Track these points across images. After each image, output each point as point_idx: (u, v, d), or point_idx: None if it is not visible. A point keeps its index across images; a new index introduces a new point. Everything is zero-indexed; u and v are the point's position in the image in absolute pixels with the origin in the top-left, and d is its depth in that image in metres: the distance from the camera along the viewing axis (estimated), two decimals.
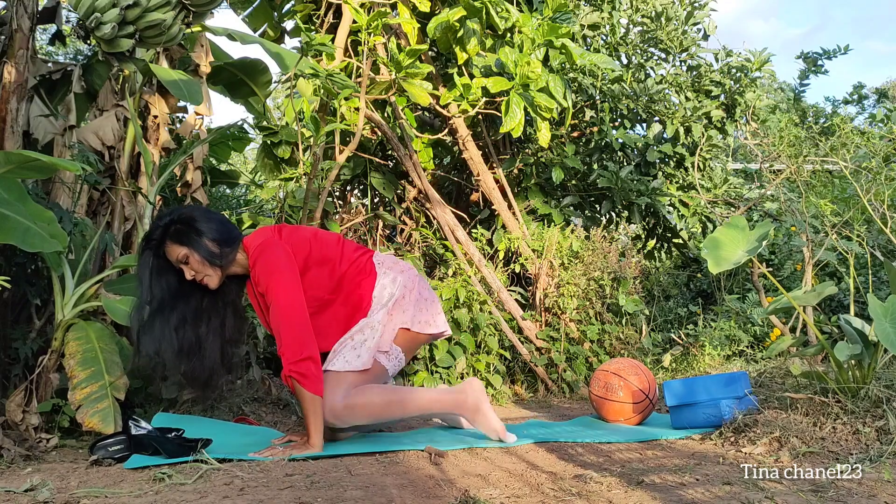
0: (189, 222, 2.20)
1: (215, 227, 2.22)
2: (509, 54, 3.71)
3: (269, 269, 2.17)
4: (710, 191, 5.02)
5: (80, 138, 3.31)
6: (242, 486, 1.67)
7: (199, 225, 2.20)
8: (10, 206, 2.21)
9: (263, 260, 2.19)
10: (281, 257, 2.19)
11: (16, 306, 2.93)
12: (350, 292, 2.33)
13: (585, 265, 4.02)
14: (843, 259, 3.86)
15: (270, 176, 4.40)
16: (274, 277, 2.16)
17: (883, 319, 2.03)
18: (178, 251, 2.18)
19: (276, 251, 2.20)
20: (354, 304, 2.33)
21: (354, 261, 2.36)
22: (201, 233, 2.19)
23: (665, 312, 5.10)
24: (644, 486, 1.69)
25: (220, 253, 2.20)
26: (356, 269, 2.35)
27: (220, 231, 2.23)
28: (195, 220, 2.21)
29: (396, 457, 2.06)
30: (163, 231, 2.20)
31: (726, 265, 2.39)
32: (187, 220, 2.21)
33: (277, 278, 2.17)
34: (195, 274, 2.20)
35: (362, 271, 2.35)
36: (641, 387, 2.75)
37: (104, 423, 2.18)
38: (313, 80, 3.93)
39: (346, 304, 2.33)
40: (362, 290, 2.33)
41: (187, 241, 2.18)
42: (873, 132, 4.65)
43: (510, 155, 4.82)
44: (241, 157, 9.80)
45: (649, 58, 5.21)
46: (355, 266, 2.35)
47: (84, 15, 2.62)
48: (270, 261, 2.18)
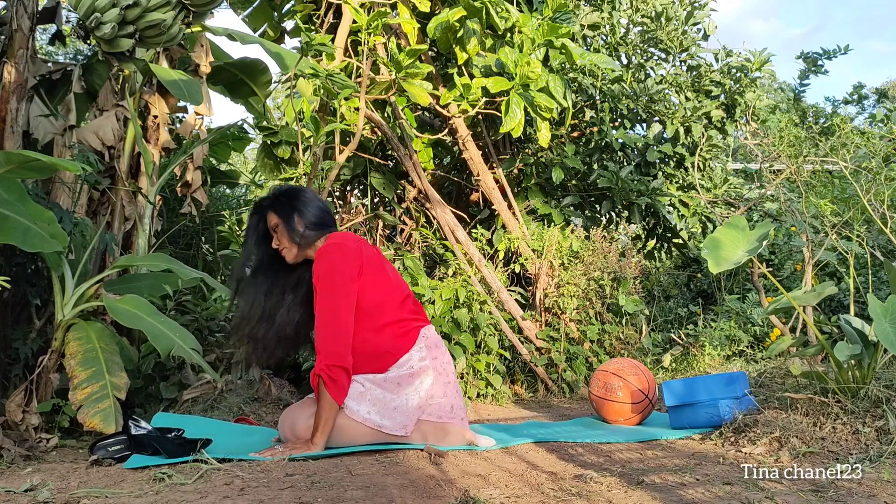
0: (291, 197, 2.36)
1: (311, 210, 2.34)
2: (509, 54, 3.71)
3: (329, 268, 2.20)
4: (710, 191, 5.02)
5: (80, 138, 3.31)
6: (243, 486, 1.67)
7: (298, 203, 2.34)
8: (10, 206, 2.21)
9: (329, 258, 2.21)
10: (346, 264, 2.21)
11: (16, 306, 2.93)
12: (382, 342, 2.26)
13: (585, 265, 4.02)
14: (843, 259, 3.86)
15: (270, 176, 4.40)
16: (331, 279, 2.18)
17: (883, 319, 2.03)
18: (272, 219, 2.34)
19: (344, 256, 2.22)
20: (377, 354, 2.26)
21: (405, 319, 2.31)
22: (296, 209, 2.32)
23: (665, 312, 5.10)
24: (644, 486, 1.69)
25: (303, 233, 2.31)
26: (402, 328, 2.29)
27: (314, 215, 2.34)
28: (297, 198, 2.36)
29: (397, 457, 2.06)
30: (270, 199, 2.37)
31: (726, 265, 2.39)
32: (291, 195, 2.36)
33: (334, 281, 2.18)
34: (278, 244, 2.34)
35: (406, 334, 2.30)
36: (641, 387, 2.74)
37: (105, 423, 2.18)
38: (313, 80, 3.93)
39: (372, 345, 2.26)
40: (393, 348, 2.26)
41: (282, 213, 2.32)
42: (873, 132, 4.65)
43: (510, 155, 4.82)
44: (241, 157, 9.80)
45: (649, 58, 5.21)
46: (402, 326, 2.29)
47: (84, 15, 2.62)
48: (335, 262, 2.20)
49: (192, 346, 2.36)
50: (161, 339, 2.33)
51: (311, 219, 2.33)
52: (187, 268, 2.77)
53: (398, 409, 2.20)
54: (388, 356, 2.25)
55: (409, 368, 2.24)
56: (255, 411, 2.80)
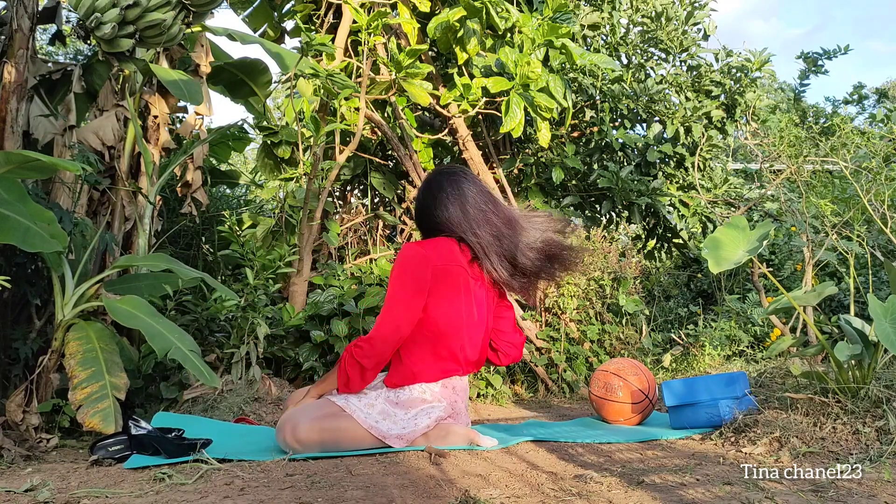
0: (444, 179, 2.31)
1: (446, 205, 2.27)
2: (509, 54, 3.71)
3: (400, 266, 2.20)
4: (710, 191, 5.02)
5: (80, 138, 3.31)
6: (243, 486, 1.67)
7: (436, 189, 2.30)
8: (10, 206, 2.21)
9: (405, 257, 2.21)
10: (417, 271, 2.18)
11: (16, 306, 2.93)
12: (414, 357, 2.24)
13: (585, 265, 4.02)
14: (843, 259, 3.86)
15: (270, 176, 4.40)
16: (398, 280, 2.19)
17: (883, 319, 2.03)
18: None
19: (419, 263, 2.19)
20: (407, 373, 2.24)
21: (454, 357, 2.26)
22: (430, 194, 2.30)
23: (665, 312, 5.10)
24: (644, 486, 1.69)
25: (418, 219, 2.34)
26: (449, 363, 2.25)
27: (439, 208, 2.28)
28: (442, 186, 2.30)
29: (397, 457, 2.06)
30: (435, 173, 2.38)
31: (727, 265, 2.39)
32: (446, 177, 2.32)
33: (401, 281, 2.18)
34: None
35: (444, 370, 2.25)
36: (641, 387, 2.74)
37: (104, 423, 2.18)
38: (313, 80, 3.93)
39: (405, 360, 2.24)
40: (422, 374, 2.22)
41: (422, 190, 2.34)
42: (873, 132, 4.65)
43: (510, 155, 4.82)
44: (241, 157, 9.80)
45: (649, 58, 5.21)
46: (450, 361, 2.25)
47: (84, 15, 2.62)
48: (407, 263, 2.20)
49: (190, 348, 2.35)
50: (159, 339, 2.32)
51: (431, 209, 2.30)
52: (187, 268, 2.77)
53: (406, 427, 2.19)
54: (408, 374, 2.22)
55: (420, 393, 2.23)
56: (255, 411, 2.80)
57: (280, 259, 3.13)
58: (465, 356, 2.27)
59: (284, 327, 3.36)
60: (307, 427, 2.13)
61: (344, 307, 3.43)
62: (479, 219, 2.26)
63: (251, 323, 2.99)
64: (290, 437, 2.13)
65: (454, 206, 2.27)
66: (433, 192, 2.30)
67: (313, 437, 2.12)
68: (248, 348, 2.97)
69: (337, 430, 2.14)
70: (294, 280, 3.54)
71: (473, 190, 2.32)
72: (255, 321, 2.99)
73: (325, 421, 2.15)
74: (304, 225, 3.58)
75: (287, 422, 2.17)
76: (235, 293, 2.96)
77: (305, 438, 2.12)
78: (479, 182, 2.39)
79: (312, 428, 2.13)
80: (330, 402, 2.23)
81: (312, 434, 2.12)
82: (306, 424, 2.14)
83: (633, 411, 2.73)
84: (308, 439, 2.11)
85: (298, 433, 2.12)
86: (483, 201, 2.31)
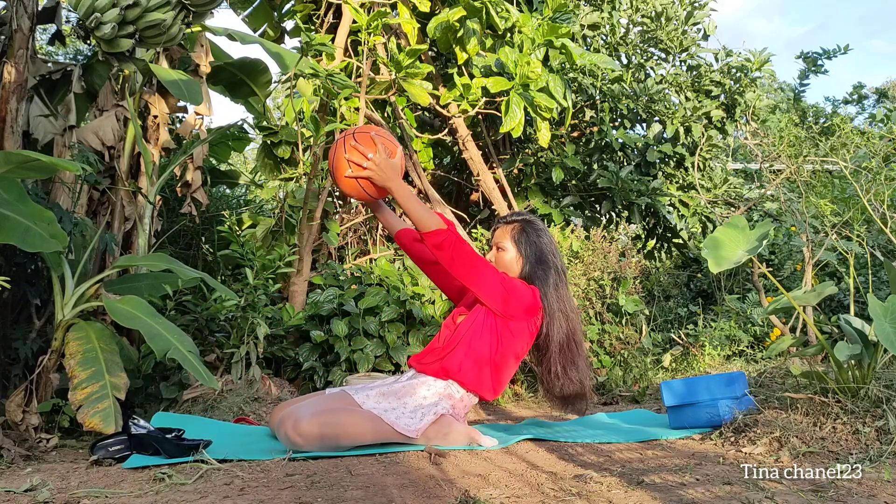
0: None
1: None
2: (509, 54, 3.71)
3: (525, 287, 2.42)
4: (710, 191, 5.02)
5: (80, 138, 3.31)
6: (243, 486, 1.67)
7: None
8: (10, 206, 2.21)
9: (532, 290, 2.42)
10: (532, 298, 2.39)
11: (16, 306, 2.93)
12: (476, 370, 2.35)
13: (585, 265, 4.02)
14: (843, 259, 3.86)
15: (270, 176, 4.40)
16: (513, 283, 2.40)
17: (883, 319, 2.03)
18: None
19: (536, 301, 2.40)
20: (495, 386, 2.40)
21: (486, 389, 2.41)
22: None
23: (665, 312, 5.10)
24: (644, 485, 1.69)
25: (525, 277, 2.46)
26: (492, 382, 2.39)
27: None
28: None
29: (397, 457, 2.06)
30: (519, 216, 2.55)
31: (726, 265, 2.39)
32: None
33: (514, 284, 2.39)
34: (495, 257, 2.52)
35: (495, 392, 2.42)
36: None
37: (104, 423, 2.18)
38: (313, 80, 3.93)
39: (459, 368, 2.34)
40: (467, 384, 2.35)
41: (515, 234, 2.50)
42: (873, 132, 4.65)
43: (510, 155, 4.82)
44: (241, 157, 9.79)
45: (649, 58, 5.21)
46: (493, 382, 2.40)
47: (84, 15, 2.62)
48: (528, 291, 2.40)
49: (189, 349, 2.35)
50: (158, 340, 2.32)
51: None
52: (187, 268, 2.77)
53: (413, 418, 2.24)
54: (494, 388, 2.38)
55: (425, 389, 2.32)
56: (255, 411, 2.80)
57: (280, 259, 3.14)
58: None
59: (284, 327, 3.36)
60: (308, 421, 2.14)
61: (344, 307, 3.43)
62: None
63: (251, 323, 2.99)
64: (292, 431, 2.13)
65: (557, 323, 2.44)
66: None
67: (314, 430, 2.12)
68: (247, 348, 2.97)
69: (338, 424, 2.15)
70: (294, 280, 3.54)
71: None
72: (255, 321, 2.99)
73: (325, 415, 2.16)
74: (304, 225, 3.58)
75: (288, 417, 2.18)
76: (235, 293, 2.96)
77: (307, 432, 2.12)
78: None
79: (313, 422, 2.13)
80: (332, 398, 2.27)
81: (313, 428, 2.12)
82: (307, 419, 2.15)
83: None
84: (309, 433, 2.12)
85: (300, 427, 2.13)
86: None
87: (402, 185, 2.32)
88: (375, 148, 2.30)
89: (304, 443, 2.12)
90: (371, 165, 2.29)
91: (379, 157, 2.29)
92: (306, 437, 2.12)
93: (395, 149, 2.36)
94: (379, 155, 2.29)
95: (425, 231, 2.26)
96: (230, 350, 3.00)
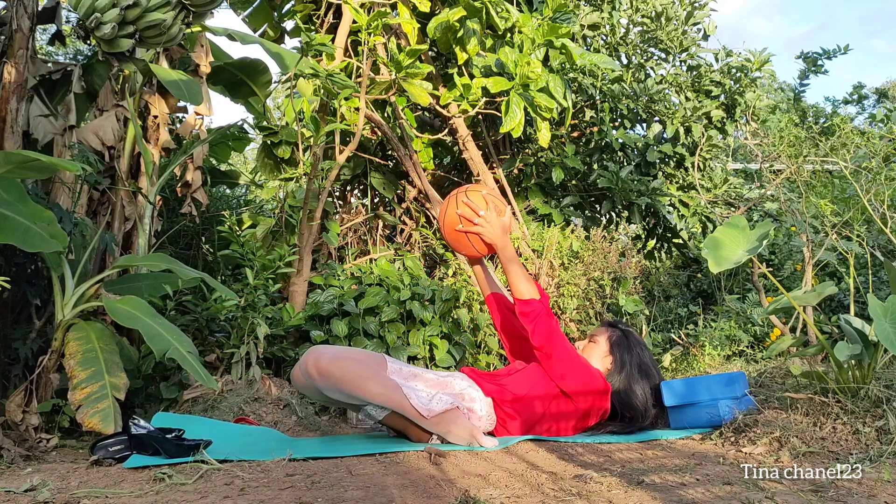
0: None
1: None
2: (509, 54, 3.71)
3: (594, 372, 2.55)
4: (710, 191, 5.02)
5: (80, 138, 3.31)
6: (243, 486, 1.67)
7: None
8: (10, 206, 2.21)
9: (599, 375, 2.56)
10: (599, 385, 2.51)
11: (16, 306, 2.94)
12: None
13: (585, 265, 4.02)
14: (843, 259, 3.86)
15: (270, 176, 4.40)
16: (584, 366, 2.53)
17: (883, 319, 2.03)
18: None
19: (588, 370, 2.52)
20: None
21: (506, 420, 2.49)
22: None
23: (665, 312, 5.09)
24: (644, 486, 1.69)
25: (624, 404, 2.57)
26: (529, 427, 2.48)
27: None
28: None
29: (397, 457, 2.06)
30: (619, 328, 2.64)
31: (727, 265, 2.39)
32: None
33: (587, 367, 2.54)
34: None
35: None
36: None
37: (104, 423, 2.18)
38: (313, 80, 3.93)
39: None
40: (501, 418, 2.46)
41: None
42: (873, 132, 4.65)
43: (510, 155, 4.82)
44: (241, 157, 9.79)
45: (649, 58, 5.21)
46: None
47: (84, 15, 2.62)
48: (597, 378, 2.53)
49: (188, 350, 2.35)
50: (158, 340, 2.32)
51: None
52: (187, 268, 2.77)
53: (431, 402, 2.30)
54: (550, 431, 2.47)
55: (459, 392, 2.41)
56: (255, 411, 2.79)
57: (280, 259, 3.13)
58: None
59: (284, 327, 3.36)
60: (330, 359, 2.19)
61: (344, 307, 3.43)
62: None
63: (251, 323, 2.99)
64: (312, 364, 2.20)
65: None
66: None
67: (332, 369, 2.18)
68: (248, 348, 2.97)
69: (354, 372, 2.20)
70: (294, 280, 3.54)
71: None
72: (255, 321, 2.99)
73: (347, 362, 2.22)
74: (304, 225, 3.58)
75: (314, 350, 2.25)
76: (235, 293, 2.96)
77: (325, 368, 2.18)
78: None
79: (333, 362, 2.18)
80: (367, 353, 2.39)
81: (332, 367, 2.18)
82: (330, 356, 2.20)
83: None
84: (327, 370, 2.17)
85: (321, 362, 2.19)
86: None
87: (509, 245, 2.45)
88: (486, 206, 2.45)
89: (320, 379, 2.17)
90: (481, 222, 2.43)
91: (489, 214, 2.43)
92: (323, 374, 2.17)
93: (504, 208, 2.50)
94: (489, 212, 2.43)
95: (519, 296, 2.38)
96: (230, 350, 3.00)
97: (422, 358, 3.52)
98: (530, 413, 2.43)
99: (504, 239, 2.44)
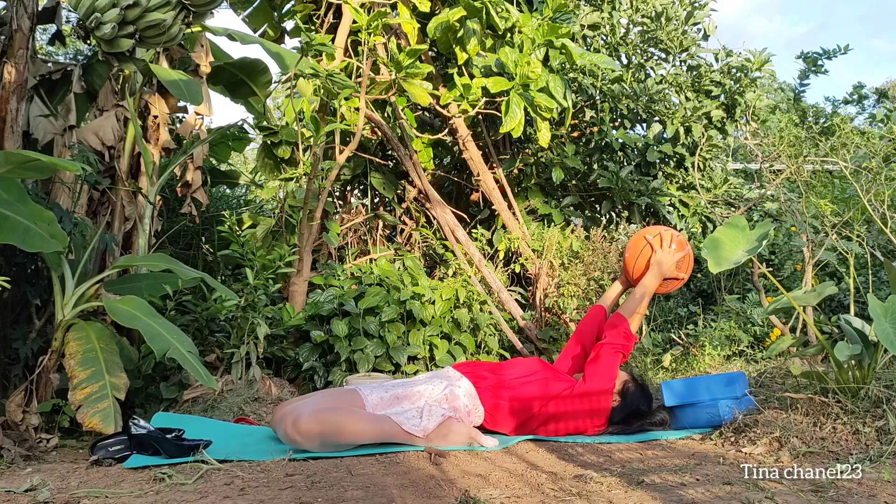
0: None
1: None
2: (509, 54, 3.71)
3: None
4: (710, 191, 5.02)
5: (80, 138, 3.31)
6: (243, 486, 1.67)
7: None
8: (10, 206, 2.21)
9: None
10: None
11: (16, 306, 2.94)
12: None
13: (585, 265, 4.02)
14: (843, 259, 3.86)
15: (270, 176, 4.40)
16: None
17: (883, 319, 2.03)
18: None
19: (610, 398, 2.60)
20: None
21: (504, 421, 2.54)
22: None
23: (665, 312, 5.09)
24: (644, 486, 1.69)
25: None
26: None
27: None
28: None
29: (397, 457, 2.06)
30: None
31: (726, 265, 2.38)
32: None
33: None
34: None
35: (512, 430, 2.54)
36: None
37: (104, 423, 2.18)
38: (313, 80, 3.93)
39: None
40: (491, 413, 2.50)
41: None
42: (873, 132, 4.64)
43: (510, 155, 4.82)
44: (241, 157, 9.79)
45: (649, 58, 5.21)
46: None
47: (84, 15, 2.62)
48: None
49: (188, 349, 2.35)
50: (158, 340, 2.32)
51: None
52: (187, 268, 2.77)
53: (420, 419, 2.28)
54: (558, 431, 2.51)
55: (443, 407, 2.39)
56: (255, 411, 2.80)
57: (280, 259, 3.13)
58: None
59: (284, 327, 3.36)
60: (308, 419, 2.14)
61: (344, 307, 3.43)
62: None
63: (251, 323, 2.99)
64: (291, 429, 2.14)
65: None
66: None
67: (314, 428, 2.12)
68: (248, 348, 2.97)
69: (337, 423, 2.15)
70: (294, 280, 3.54)
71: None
72: (255, 321, 2.99)
73: (325, 414, 2.16)
74: (304, 225, 3.58)
75: (289, 414, 2.19)
76: (235, 293, 2.96)
77: (306, 430, 2.12)
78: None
79: (312, 420, 2.13)
80: (337, 396, 2.31)
81: (313, 426, 2.13)
82: (307, 416, 2.15)
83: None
84: (308, 431, 2.12)
85: (300, 424, 2.13)
86: None
87: (657, 284, 2.81)
88: (683, 248, 2.84)
89: (304, 440, 2.12)
90: (683, 276, 2.86)
91: (676, 253, 2.82)
92: (305, 435, 2.12)
93: (685, 258, 2.86)
94: (677, 252, 2.82)
95: (623, 325, 2.66)
96: (230, 350, 3.00)
97: (422, 358, 3.53)
98: (524, 405, 2.48)
99: (659, 279, 2.82)
